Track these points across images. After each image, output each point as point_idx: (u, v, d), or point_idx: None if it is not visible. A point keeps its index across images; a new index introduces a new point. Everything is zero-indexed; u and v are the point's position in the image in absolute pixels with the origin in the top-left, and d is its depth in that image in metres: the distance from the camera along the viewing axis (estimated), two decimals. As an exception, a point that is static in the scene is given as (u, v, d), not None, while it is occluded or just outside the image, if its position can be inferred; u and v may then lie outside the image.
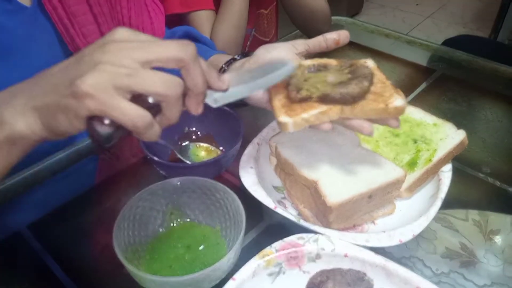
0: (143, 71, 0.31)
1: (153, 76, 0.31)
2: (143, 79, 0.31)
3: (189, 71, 0.33)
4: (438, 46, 0.95)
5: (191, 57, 0.33)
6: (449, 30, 2.64)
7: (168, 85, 0.31)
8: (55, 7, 0.52)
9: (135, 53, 0.31)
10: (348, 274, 0.42)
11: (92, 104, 0.30)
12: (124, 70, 0.30)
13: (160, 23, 0.71)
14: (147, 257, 0.46)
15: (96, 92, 0.30)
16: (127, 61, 0.31)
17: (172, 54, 0.32)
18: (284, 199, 0.53)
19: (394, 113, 0.42)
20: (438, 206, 0.48)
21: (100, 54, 0.31)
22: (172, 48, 0.32)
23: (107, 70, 0.30)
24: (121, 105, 0.30)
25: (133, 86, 0.30)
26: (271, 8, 1.02)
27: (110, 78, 0.30)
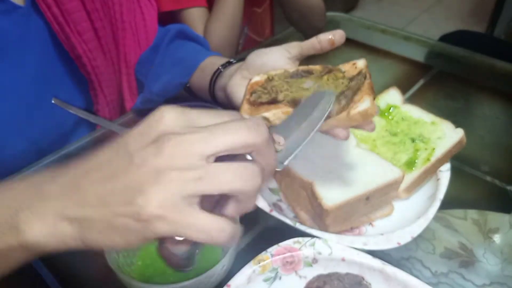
0: (213, 169, 0.25)
1: (227, 173, 0.25)
2: (214, 180, 0.25)
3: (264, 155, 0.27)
4: (435, 42, 0.95)
5: (265, 141, 0.26)
6: (445, 25, 2.63)
7: (246, 179, 0.25)
8: (49, 6, 0.51)
9: (200, 147, 0.25)
10: (346, 279, 0.42)
11: (162, 227, 0.24)
12: (192, 174, 0.24)
13: (153, 19, 0.70)
14: (140, 263, 0.45)
15: (165, 212, 0.24)
16: (192, 160, 0.24)
17: (243, 140, 0.25)
18: (280, 201, 0.52)
19: (361, 119, 0.37)
20: (436, 207, 0.47)
21: (157, 157, 0.24)
22: (243, 133, 0.25)
23: (172, 180, 0.24)
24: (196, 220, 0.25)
25: (205, 191, 0.25)
26: (265, 7, 1.01)
27: (178, 190, 0.24)
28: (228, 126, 0.26)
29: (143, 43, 0.69)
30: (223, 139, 0.25)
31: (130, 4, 0.65)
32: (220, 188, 0.25)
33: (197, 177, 0.24)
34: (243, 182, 0.25)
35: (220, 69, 0.58)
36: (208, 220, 0.25)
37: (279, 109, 0.40)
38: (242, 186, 0.25)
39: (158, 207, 0.24)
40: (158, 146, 0.25)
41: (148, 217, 0.24)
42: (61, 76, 0.60)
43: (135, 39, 0.67)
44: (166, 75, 0.65)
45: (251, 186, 0.26)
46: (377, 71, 0.86)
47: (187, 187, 0.24)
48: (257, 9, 0.99)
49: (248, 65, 0.51)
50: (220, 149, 0.25)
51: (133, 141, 0.26)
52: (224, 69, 0.57)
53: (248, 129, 0.26)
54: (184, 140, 0.25)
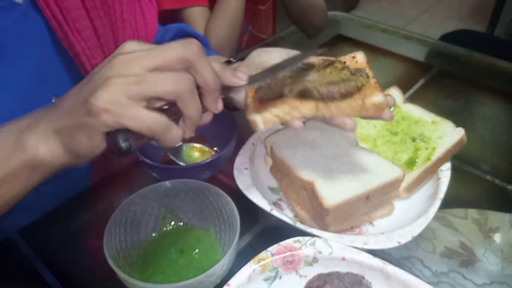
0: (151, 75, 0.31)
1: (161, 77, 0.31)
2: (151, 82, 0.31)
3: (197, 69, 0.33)
4: (436, 42, 0.94)
5: (195, 55, 0.33)
6: (445, 24, 2.63)
7: (176, 81, 0.31)
8: (48, 3, 0.51)
9: (141, 61, 0.31)
10: (346, 278, 0.42)
11: (108, 118, 0.30)
12: (133, 79, 0.31)
13: (153, 18, 0.70)
14: (140, 262, 0.45)
15: (110, 106, 0.30)
16: (135, 70, 0.31)
17: (176, 54, 0.32)
18: (280, 200, 0.52)
19: (372, 110, 0.39)
20: (437, 206, 0.47)
21: (108, 69, 0.32)
22: (176, 49, 0.32)
23: (117, 83, 0.30)
24: (136, 113, 0.30)
25: (144, 91, 0.31)
26: (269, 5, 1.01)
27: (121, 90, 0.30)
28: (166, 46, 0.33)
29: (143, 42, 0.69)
30: (160, 53, 0.32)
31: (130, 3, 0.65)
32: (155, 90, 0.31)
33: (137, 81, 0.31)
34: (175, 85, 0.31)
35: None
36: (146, 113, 0.31)
37: (287, 105, 0.39)
38: (174, 88, 0.31)
39: (103, 101, 0.30)
40: (111, 62, 0.32)
41: (97, 111, 0.30)
42: (60, 74, 0.59)
43: (135, 38, 0.67)
44: None
45: (183, 87, 0.32)
46: (378, 70, 0.86)
47: (128, 88, 0.30)
48: (261, 7, 0.99)
49: (249, 62, 0.51)
50: (158, 62, 0.32)
51: (98, 67, 0.33)
52: None
53: (181, 45, 0.33)
54: (132, 57, 0.32)
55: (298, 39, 0.99)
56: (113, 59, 0.32)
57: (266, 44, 0.98)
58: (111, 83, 0.30)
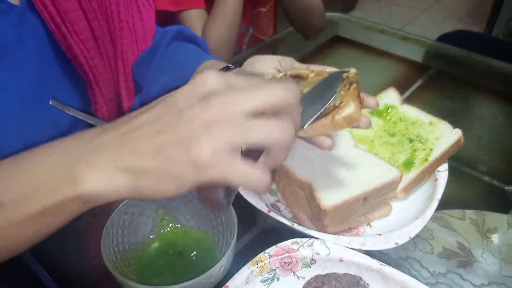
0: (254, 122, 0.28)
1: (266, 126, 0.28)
2: (258, 131, 0.28)
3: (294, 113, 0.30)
4: (433, 42, 0.95)
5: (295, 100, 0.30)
6: (444, 25, 2.64)
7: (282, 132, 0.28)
8: (45, 5, 0.51)
9: (242, 104, 0.28)
10: (344, 279, 0.42)
11: (213, 174, 0.27)
12: (238, 127, 0.27)
13: (151, 19, 0.70)
14: (137, 264, 0.45)
15: (216, 160, 0.27)
16: (237, 115, 0.27)
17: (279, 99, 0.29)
18: (278, 202, 0.52)
19: (345, 124, 0.38)
20: (434, 207, 0.47)
21: (206, 112, 0.27)
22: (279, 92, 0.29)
23: (222, 131, 0.27)
24: (241, 169, 0.27)
25: (249, 142, 0.28)
26: (270, 6, 1.01)
27: (227, 140, 0.27)
28: (267, 87, 0.29)
29: (141, 43, 0.69)
30: (262, 97, 0.28)
31: (128, 4, 0.65)
32: (261, 139, 0.28)
33: (242, 129, 0.27)
34: (280, 135, 0.28)
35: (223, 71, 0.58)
36: (251, 169, 0.28)
37: None
38: (278, 137, 0.28)
39: (211, 154, 0.27)
40: (205, 103, 0.28)
41: (203, 163, 0.27)
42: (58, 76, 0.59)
43: (132, 39, 0.67)
44: (164, 78, 0.65)
45: (286, 138, 0.28)
46: (375, 71, 0.86)
47: (234, 137, 0.27)
48: (262, 9, 0.99)
49: (242, 71, 0.52)
50: (260, 106, 0.28)
51: (181, 99, 0.28)
52: None
53: (283, 89, 0.29)
54: (228, 98, 0.28)
55: (296, 40, 0.99)
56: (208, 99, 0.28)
57: (265, 45, 0.98)
58: (215, 131, 0.27)
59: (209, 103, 0.28)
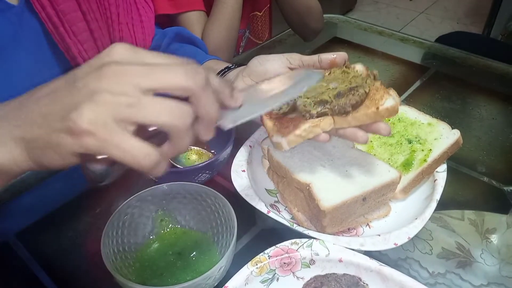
0: (146, 99, 0.27)
1: (158, 106, 0.27)
2: (147, 109, 0.27)
3: (200, 100, 0.29)
4: (432, 43, 0.95)
5: (200, 86, 0.28)
6: (443, 26, 2.65)
7: (175, 115, 0.27)
8: (44, 6, 0.51)
9: (137, 79, 0.27)
10: (343, 279, 0.42)
11: (91, 142, 0.26)
12: (125, 99, 0.26)
13: (150, 20, 0.70)
14: (137, 265, 0.45)
15: (96, 129, 0.26)
16: (128, 88, 0.26)
17: (179, 82, 0.28)
18: (277, 202, 0.52)
19: (387, 114, 0.40)
20: (433, 207, 0.47)
21: (97, 81, 0.27)
22: (179, 75, 0.28)
23: (106, 101, 0.26)
24: (124, 142, 0.26)
25: (136, 117, 0.27)
26: (265, 10, 1.01)
27: (110, 111, 0.26)
28: (168, 68, 0.28)
29: (140, 44, 0.69)
30: (160, 76, 0.27)
31: (127, 5, 0.65)
32: (149, 118, 0.27)
33: (130, 103, 0.26)
34: (173, 118, 0.27)
35: (224, 71, 0.58)
36: (135, 144, 0.26)
37: (307, 124, 0.41)
38: (171, 122, 0.27)
39: (89, 123, 0.26)
40: (100, 71, 0.27)
41: (79, 131, 0.26)
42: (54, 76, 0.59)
43: (132, 40, 0.67)
44: None
45: (180, 123, 0.27)
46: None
47: (119, 111, 0.26)
48: (258, 13, 0.99)
49: (250, 71, 0.52)
50: (156, 85, 0.27)
51: (80, 70, 0.28)
52: (224, 75, 0.58)
53: (185, 74, 0.28)
54: (124, 70, 0.27)
55: (294, 41, 1.00)
56: (103, 69, 0.27)
57: (263, 46, 0.98)
58: (99, 100, 0.26)
59: (103, 71, 0.27)
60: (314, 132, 0.41)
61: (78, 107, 0.26)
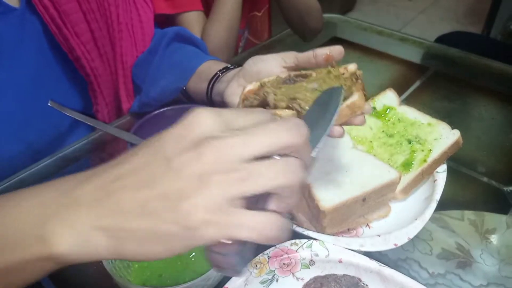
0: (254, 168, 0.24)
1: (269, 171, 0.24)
2: (258, 179, 0.24)
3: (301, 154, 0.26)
4: (431, 43, 0.95)
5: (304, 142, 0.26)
6: (442, 26, 2.65)
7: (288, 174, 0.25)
8: (47, 7, 0.51)
9: (239, 150, 0.24)
10: (343, 280, 0.42)
11: (211, 232, 0.23)
12: (234, 176, 0.24)
13: (149, 21, 0.70)
14: (136, 266, 0.45)
15: (213, 216, 0.23)
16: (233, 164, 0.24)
17: (283, 143, 0.25)
18: (277, 203, 0.52)
19: (349, 112, 0.38)
20: (433, 208, 0.47)
21: (198, 162, 0.24)
22: (283, 135, 0.25)
23: (217, 184, 0.23)
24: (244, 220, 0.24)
25: (250, 191, 0.24)
26: (264, 11, 1.01)
27: (223, 193, 0.23)
28: (268, 128, 0.25)
29: (139, 44, 0.69)
30: (263, 141, 0.25)
31: (127, 6, 0.65)
32: (264, 186, 0.24)
33: (241, 179, 0.24)
34: (286, 177, 0.25)
35: (218, 74, 0.58)
36: (256, 218, 0.24)
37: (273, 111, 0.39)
38: (285, 182, 0.25)
39: (205, 212, 0.23)
40: (198, 151, 0.24)
41: (196, 223, 0.23)
42: (57, 78, 0.59)
43: (131, 40, 0.67)
44: (163, 80, 0.65)
45: (295, 180, 0.25)
46: (374, 72, 0.86)
47: (232, 189, 0.24)
48: (257, 13, 0.99)
49: (244, 72, 0.51)
50: (260, 151, 0.24)
51: (170, 145, 0.25)
52: (222, 75, 0.58)
53: (288, 131, 0.25)
54: (224, 144, 0.24)
55: (294, 41, 0.99)
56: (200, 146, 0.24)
57: (263, 46, 0.98)
58: (209, 183, 0.23)
59: (201, 151, 0.24)
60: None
61: (188, 197, 0.23)
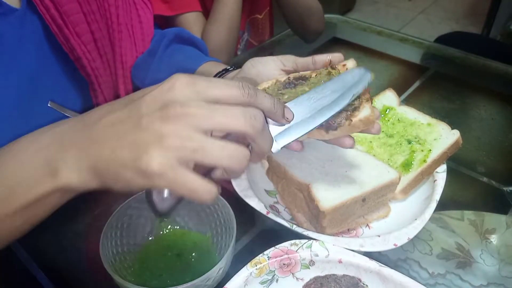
0: (209, 144, 0.29)
1: (219, 150, 0.29)
2: (208, 153, 0.29)
3: (255, 141, 0.31)
4: (431, 44, 0.95)
5: (258, 131, 0.30)
6: (441, 26, 2.65)
7: (234, 160, 0.30)
8: (48, 8, 0.51)
9: (199, 122, 0.29)
10: (343, 280, 0.42)
11: (160, 183, 0.29)
12: (189, 144, 0.29)
13: (149, 22, 0.70)
14: (136, 266, 0.45)
15: (165, 171, 0.28)
16: (191, 132, 0.29)
17: (237, 126, 0.30)
18: (277, 203, 0.52)
19: (362, 126, 0.38)
20: (433, 208, 0.47)
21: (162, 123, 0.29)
22: (240, 119, 0.30)
23: (172, 146, 0.28)
24: (188, 181, 0.29)
25: (199, 159, 0.29)
26: (266, 13, 1.01)
27: (177, 154, 0.29)
28: (229, 111, 0.30)
29: (139, 45, 0.69)
30: (220, 120, 0.29)
31: (126, 6, 0.65)
32: (210, 160, 0.29)
33: (193, 148, 0.29)
34: (231, 162, 0.30)
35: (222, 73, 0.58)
36: (199, 182, 0.29)
37: None
38: (230, 164, 0.30)
39: (159, 166, 0.28)
40: (164, 113, 0.29)
41: (150, 174, 0.29)
42: (57, 78, 0.59)
43: (131, 41, 0.67)
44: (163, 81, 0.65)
45: (238, 166, 0.30)
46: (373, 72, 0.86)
47: (184, 154, 0.29)
48: (258, 16, 0.99)
49: (244, 73, 0.52)
50: (216, 127, 0.29)
51: (145, 105, 0.30)
52: (221, 77, 0.58)
53: (244, 119, 0.30)
54: (187, 112, 0.29)
55: (293, 42, 1.00)
56: (167, 110, 0.29)
57: (262, 47, 0.98)
58: (167, 144, 0.28)
59: (167, 114, 0.29)
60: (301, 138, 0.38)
61: (148, 151, 0.28)
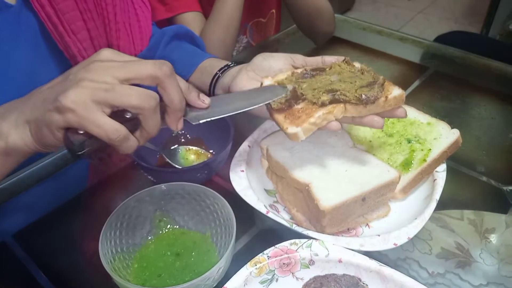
0: (120, 86, 0.34)
1: (129, 90, 0.34)
2: (119, 93, 0.33)
3: (165, 88, 0.36)
4: (431, 43, 0.95)
5: (165, 75, 0.36)
6: (441, 26, 2.65)
7: (142, 98, 0.34)
8: (43, 5, 0.51)
9: (115, 71, 0.34)
10: (343, 280, 0.41)
11: (71, 118, 0.33)
12: (103, 85, 0.33)
13: (147, 20, 0.70)
14: (135, 266, 0.45)
15: (77, 107, 0.32)
16: (107, 78, 0.34)
17: (147, 71, 0.35)
18: (277, 202, 0.52)
19: (394, 103, 0.43)
20: (432, 207, 0.47)
21: (84, 72, 0.34)
22: (149, 66, 0.35)
23: (87, 86, 0.33)
24: (98, 119, 0.33)
25: (110, 99, 0.33)
26: (269, 16, 1.00)
27: (90, 93, 0.33)
28: (141, 61, 0.36)
29: (137, 44, 0.68)
30: (133, 68, 0.35)
31: (124, 5, 0.65)
32: (121, 100, 0.34)
33: (106, 89, 0.33)
34: (140, 100, 0.34)
35: (224, 69, 0.59)
36: (107, 121, 0.33)
37: (321, 111, 0.42)
38: (139, 103, 0.34)
39: (72, 102, 0.32)
40: (88, 66, 0.35)
41: (64, 109, 0.33)
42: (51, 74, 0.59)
43: (129, 39, 0.67)
44: None
45: (148, 104, 0.34)
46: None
47: (96, 94, 0.33)
48: (262, 19, 0.99)
49: (254, 66, 0.53)
50: (130, 75, 0.34)
51: (75, 67, 0.36)
52: (225, 72, 0.58)
53: (153, 64, 0.36)
54: (107, 65, 0.35)
55: (294, 41, 0.99)
56: (90, 64, 0.35)
57: (263, 46, 0.98)
58: (82, 85, 0.33)
59: (89, 66, 0.35)
60: (328, 119, 0.43)
61: (65, 91, 0.33)
